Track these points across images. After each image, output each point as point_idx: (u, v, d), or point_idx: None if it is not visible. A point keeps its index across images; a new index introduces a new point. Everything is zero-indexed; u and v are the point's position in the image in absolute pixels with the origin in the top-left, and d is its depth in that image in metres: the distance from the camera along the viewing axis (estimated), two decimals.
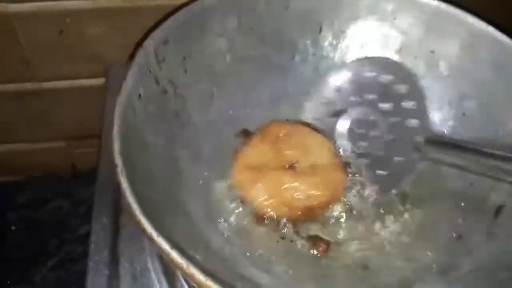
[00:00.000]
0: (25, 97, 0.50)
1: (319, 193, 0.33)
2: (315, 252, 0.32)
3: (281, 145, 0.35)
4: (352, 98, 0.38)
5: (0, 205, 0.57)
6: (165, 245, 0.21)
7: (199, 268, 0.21)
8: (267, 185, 0.33)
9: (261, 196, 0.33)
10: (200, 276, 0.20)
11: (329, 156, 0.36)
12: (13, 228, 0.55)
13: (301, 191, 0.33)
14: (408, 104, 0.36)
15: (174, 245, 0.21)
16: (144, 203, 0.24)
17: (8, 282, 0.52)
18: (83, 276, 0.34)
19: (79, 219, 0.57)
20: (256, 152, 0.35)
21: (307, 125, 0.38)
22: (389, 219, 0.34)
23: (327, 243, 0.32)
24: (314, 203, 0.33)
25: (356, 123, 0.37)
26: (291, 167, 0.35)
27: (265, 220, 0.33)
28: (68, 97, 0.52)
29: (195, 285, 0.21)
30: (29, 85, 0.49)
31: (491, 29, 0.35)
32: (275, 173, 0.34)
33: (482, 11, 0.37)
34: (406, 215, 0.34)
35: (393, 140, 0.36)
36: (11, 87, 0.49)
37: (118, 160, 0.24)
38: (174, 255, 0.21)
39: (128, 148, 0.26)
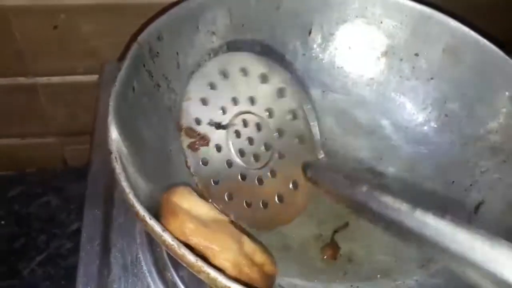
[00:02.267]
0: (18, 91, 0.51)
1: (271, 260, 0.28)
2: None
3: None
4: (234, 102, 0.31)
5: None
6: (157, 228, 0.22)
7: (190, 249, 0.21)
8: (231, 237, 0.27)
9: (232, 247, 0.26)
10: (190, 257, 0.21)
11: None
12: (2, 222, 0.56)
13: (258, 253, 0.28)
14: (294, 117, 0.29)
15: (166, 228, 0.22)
16: (137, 189, 0.25)
17: None
18: (71, 271, 0.34)
19: (69, 215, 0.57)
20: (196, 204, 0.29)
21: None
22: None
23: None
24: (269, 271, 0.28)
25: (242, 134, 0.32)
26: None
27: None
28: (62, 93, 0.52)
29: (187, 266, 0.22)
30: (22, 80, 0.50)
31: (473, 34, 0.37)
32: (232, 227, 0.29)
33: (466, 17, 0.38)
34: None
35: (282, 158, 0.30)
36: (4, 81, 0.50)
37: (113, 147, 0.25)
38: (166, 236, 0.22)
39: (122, 138, 0.27)
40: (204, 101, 0.32)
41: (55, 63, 0.49)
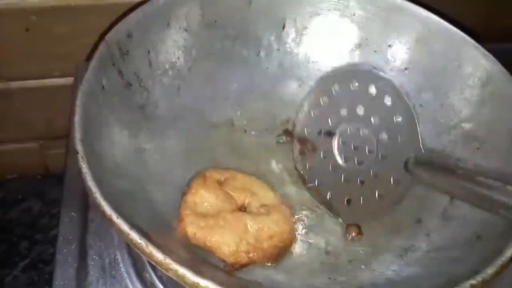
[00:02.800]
0: None
1: (282, 230, 0.32)
2: None
3: (227, 189, 0.33)
4: (341, 112, 0.36)
5: None
6: (124, 226, 0.22)
7: (158, 247, 0.21)
8: (230, 229, 0.30)
9: (227, 241, 0.30)
10: (158, 255, 0.21)
11: (273, 196, 0.34)
12: None
13: (265, 230, 0.31)
14: (397, 119, 0.35)
15: (134, 226, 0.22)
16: (105, 189, 0.24)
17: None
18: None
19: (51, 219, 0.57)
20: (202, 198, 0.32)
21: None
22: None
23: None
24: (280, 242, 0.31)
25: (347, 141, 0.36)
26: (243, 209, 0.33)
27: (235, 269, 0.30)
28: (39, 97, 0.52)
29: (155, 265, 0.22)
30: None
31: (443, 22, 0.37)
32: (233, 215, 0.31)
33: (441, 8, 0.39)
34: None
35: (384, 159, 0.35)
36: None
37: (79, 147, 0.25)
38: (133, 235, 0.22)
39: (90, 138, 0.27)
40: (315, 114, 0.37)
41: (29, 67, 0.48)
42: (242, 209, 0.33)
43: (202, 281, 0.20)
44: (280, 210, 0.33)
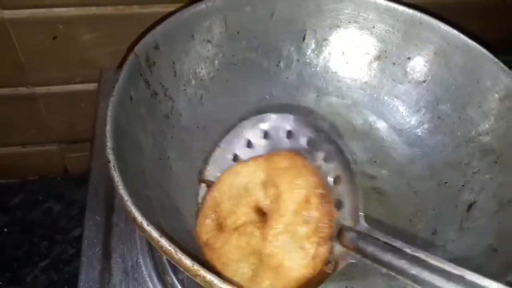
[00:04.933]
0: (18, 101, 0.52)
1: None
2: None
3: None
4: None
5: None
6: (154, 233, 0.23)
7: (187, 253, 0.22)
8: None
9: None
10: (187, 261, 0.22)
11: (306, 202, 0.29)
12: (5, 230, 0.56)
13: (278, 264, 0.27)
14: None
15: (163, 233, 0.23)
16: (135, 196, 0.25)
17: (0, 283, 0.52)
18: (74, 277, 0.35)
19: (70, 221, 0.58)
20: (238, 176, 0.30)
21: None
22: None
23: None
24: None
25: None
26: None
27: None
28: (61, 101, 0.53)
29: (184, 271, 0.23)
30: (22, 90, 0.51)
31: (462, 36, 0.37)
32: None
33: (456, 21, 0.39)
34: (382, 213, 0.36)
35: None
36: (5, 91, 0.50)
37: (111, 156, 0.26)
38: (163, 242, 0.23)
39: (120, 146, 0.28)
40: (235, 158, 0.34)
41: (54, 73, 0.49)
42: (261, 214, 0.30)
43: None
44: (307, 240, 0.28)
